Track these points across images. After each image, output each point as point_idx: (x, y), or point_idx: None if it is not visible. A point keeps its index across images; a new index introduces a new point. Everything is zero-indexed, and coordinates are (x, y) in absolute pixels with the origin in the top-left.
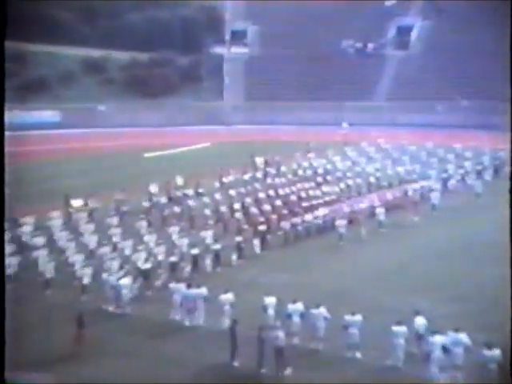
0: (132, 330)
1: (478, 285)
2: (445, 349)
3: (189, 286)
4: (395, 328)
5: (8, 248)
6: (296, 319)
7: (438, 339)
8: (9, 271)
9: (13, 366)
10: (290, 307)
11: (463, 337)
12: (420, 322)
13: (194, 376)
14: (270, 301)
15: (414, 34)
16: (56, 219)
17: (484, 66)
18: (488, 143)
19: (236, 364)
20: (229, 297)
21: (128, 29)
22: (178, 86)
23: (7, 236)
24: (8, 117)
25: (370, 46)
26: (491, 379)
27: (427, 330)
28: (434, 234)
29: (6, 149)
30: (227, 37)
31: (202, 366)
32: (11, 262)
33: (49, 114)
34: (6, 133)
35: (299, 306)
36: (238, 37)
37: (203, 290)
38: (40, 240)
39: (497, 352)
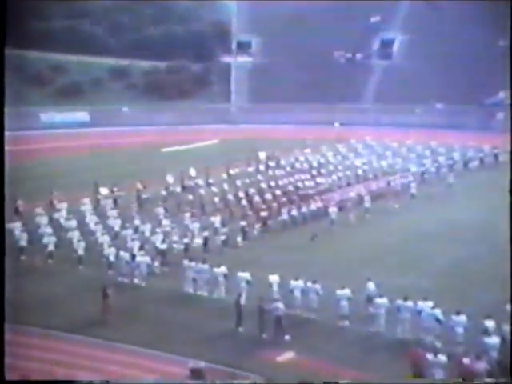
0: (151, 300)
1: (452, 262)
2: (419, 312)
3: (203, 262)
4: (378, 300)
5: (46, 229)
6: (297, 294)
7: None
8: (49, 248)
9: (49, 330)
10: (292, 283)
11: (429, 305)
12: (370, 287)
13: (206, 339)
14: (274, 278)
15: (395, 47)
16: (86, 205)
17: (454, 74)
18: (458, 141)
19: (241, 330)
20: (245, 275)
21: (148, 41)
22: (191, 90)
23: (46, 219)
24: (45, 117)
25: (359, 56)
26: (459, 343)
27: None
28: (413, 218)
29: (42, 145)
30: (234, 47)
31: (211, 332)
32: (50, 241)
33: (80, 115)
34: (45, 131)
35: (300, 282)
36: (243, 47)
37: (223, 269)
38: (73, 223)
39: (463, 318)
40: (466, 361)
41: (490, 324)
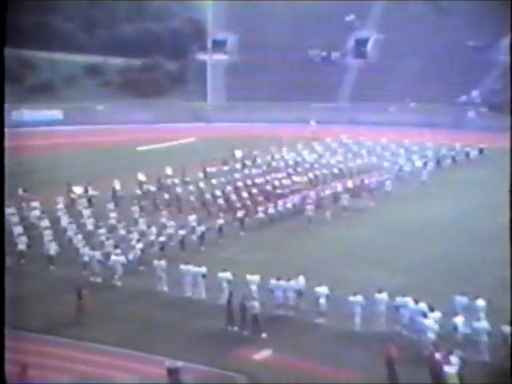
0: (126, 300)
1: (425, 258)
2: (397, 307)
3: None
4: (352, 298)
5: (17, 229)
6: (277, 292)
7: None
8: (20, 247)
9: (20, 331)
10: (273, 283)
11: (408, 300)
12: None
13: (184, 337)
14: (251, 277)
15: (369, 45)
16: (60, 204)
17: (428, 73)
18: (431, 139)
19: (235, 329)
20: (227, 275)
21: (123, 38)
22: (166, 88)
23: (17, 218)
24: (17, 115)
25: (334, 54)
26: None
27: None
28: (388, 216)
29: (15, 143)
30: (209, 45)
31: (188, 331)
32: (21, 241)
33: (53, 113)
34: (16, 129)
35: (281, 282)
36: (219, 45)
37: (203, 269)
38: (45, 222)
39: (438, 314)
40: (437, 356)
41: (459, 320)
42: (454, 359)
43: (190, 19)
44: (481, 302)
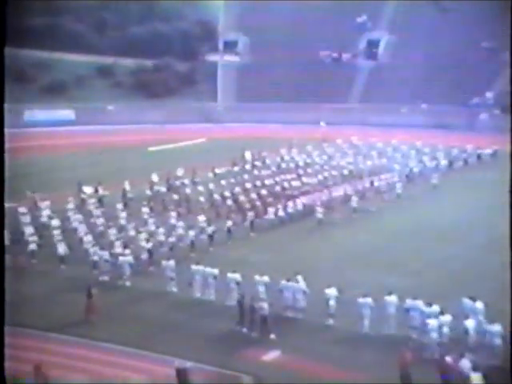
0: (137, 300)
1: (435, 261)
2: (407, 310)
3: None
4: (361, 300)
5: (28, 228)
6: (286, 293)
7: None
8: (31, 247)
9: (30, 330)
10: (283, 284)
11: (419, 303)
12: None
13: (193, 338)
14: (261, 278)
15: (381, 47)
16: (71, 204)
17: (440, 74)
18: (443, 141)
19: (244, 330)
20: (236, 276)
21: (134, 39)
22: (177, 89)
23: (29, 218)
24: (30, 115)
25: (345, 56)
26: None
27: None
28: (398, 218)
29: (27, 143)
30: (220, 46)
31: (197, 329)
32: (32, 240)
33: (65, 113)
34: (28, 129)
35: (290, 283)
36: (229, 46)
37: (215, 270)
38: (56, 222)
39: (449, 317)
40: (448, 359)
41: (470, 324)
42: (465, 362)
43: (201, 20)
44: (479, 305)
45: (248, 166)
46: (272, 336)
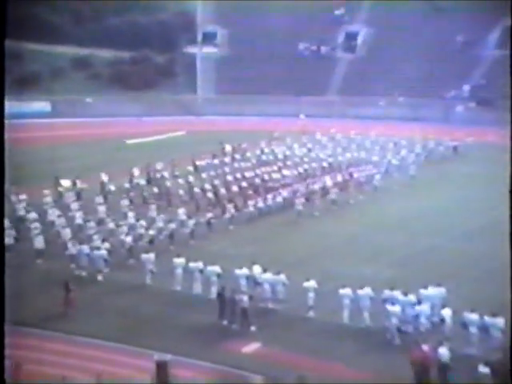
0: (116, 294)
1: (412, 252)
2: (383, 301)
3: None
4: (341, 291)
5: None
6: (265, 286)
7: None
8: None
9: (12, 325)
10: (260, 275)
11: (397, 294)
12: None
13: (173, 331)
14: (241, 271)
15: (359, 40)
16: (48, 197)
17: (417, 67)
18: (420, 133)
19: (225, 322)
20: (216, 268)
21: (112, 30)
22: (155, 81)
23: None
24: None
25: (323, 48)
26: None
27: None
28: (377, 210)
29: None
30: (199, 38)
31: (177, 322)
32: (8, 234)
33: (41, 105)
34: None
35: (268, 275)
36: (208, 38)
37: (199, 264)
38: (33, 215)
39: (425, 307)
40: (424, 347)
41: (446, 313)
42: (443, 351)
43: (179, 12)
44: (440, 292)
45: (228, 159)
46: (252, 328)
